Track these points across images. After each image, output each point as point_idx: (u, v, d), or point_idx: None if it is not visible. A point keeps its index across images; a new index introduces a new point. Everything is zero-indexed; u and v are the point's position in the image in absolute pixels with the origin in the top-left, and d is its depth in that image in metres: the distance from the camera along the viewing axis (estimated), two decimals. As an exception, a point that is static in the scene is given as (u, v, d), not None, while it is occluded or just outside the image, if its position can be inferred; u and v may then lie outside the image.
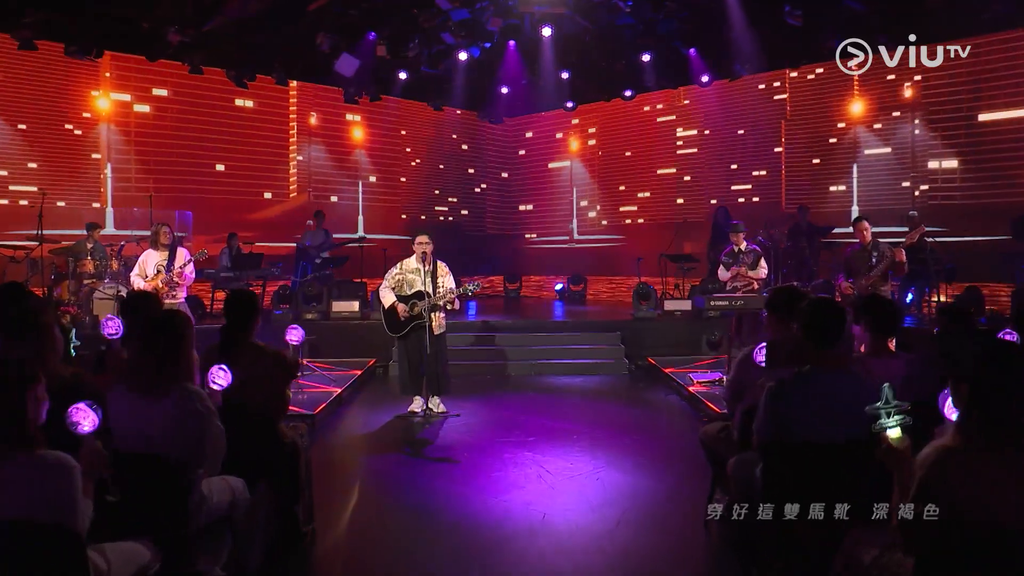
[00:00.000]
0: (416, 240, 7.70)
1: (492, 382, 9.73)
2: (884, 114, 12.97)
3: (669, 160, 16.20)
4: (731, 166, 15.11)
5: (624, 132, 17.02)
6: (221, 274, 11.76)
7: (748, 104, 14.70)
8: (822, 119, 13.76)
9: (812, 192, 13.78)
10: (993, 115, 11.59)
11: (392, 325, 7.68)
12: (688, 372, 9.32)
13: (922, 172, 12.47)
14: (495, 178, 18.94)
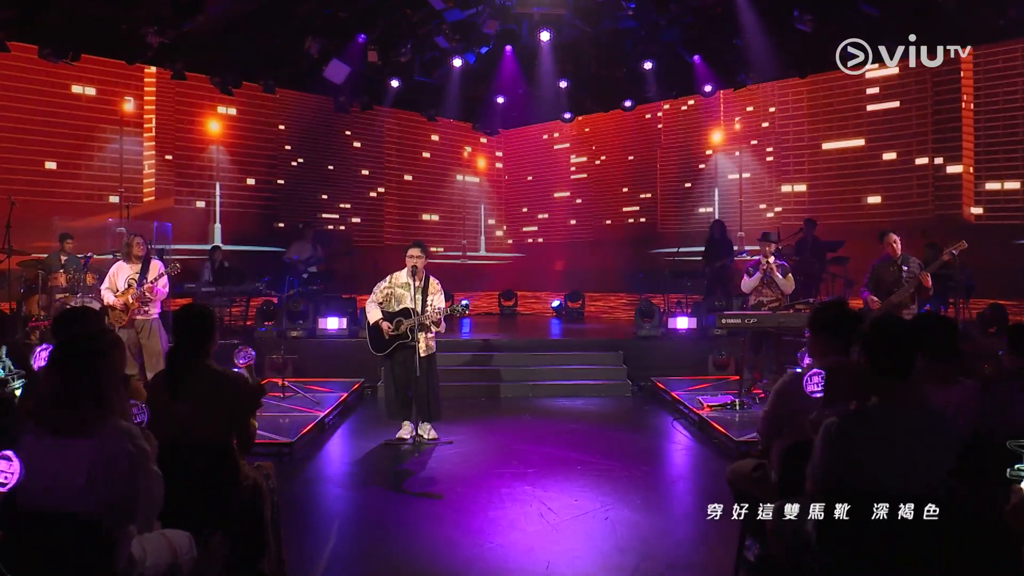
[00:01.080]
0: (407, 252, 7.11)
1: (486, 405, 9.17)
2: (744, 143, 14.49)
3: (565, 184, 17.54)
4: (622, 189, 16.57)
5: (528, 157, 18.07)
6: (202, 289, 11.11)
7: (637, 132, 16.16)
8: (693, 147, 15.36)
9: (681, 213, 15.49)
10: (833, 144, 13.27)
11: (376, 343, 7.10)
12: (696, 394, 8.72)
13: (775, 196, 13.99)
14: (396, 181, 16.56)
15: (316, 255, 12.56)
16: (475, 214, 17.90)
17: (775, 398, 3.55)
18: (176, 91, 13.12)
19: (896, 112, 12.53)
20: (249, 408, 3.54)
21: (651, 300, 11.46)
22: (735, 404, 7.85)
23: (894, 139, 12.58)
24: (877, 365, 2.74)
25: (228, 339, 10.26)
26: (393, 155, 16.51)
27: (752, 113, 14.28)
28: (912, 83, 12.36)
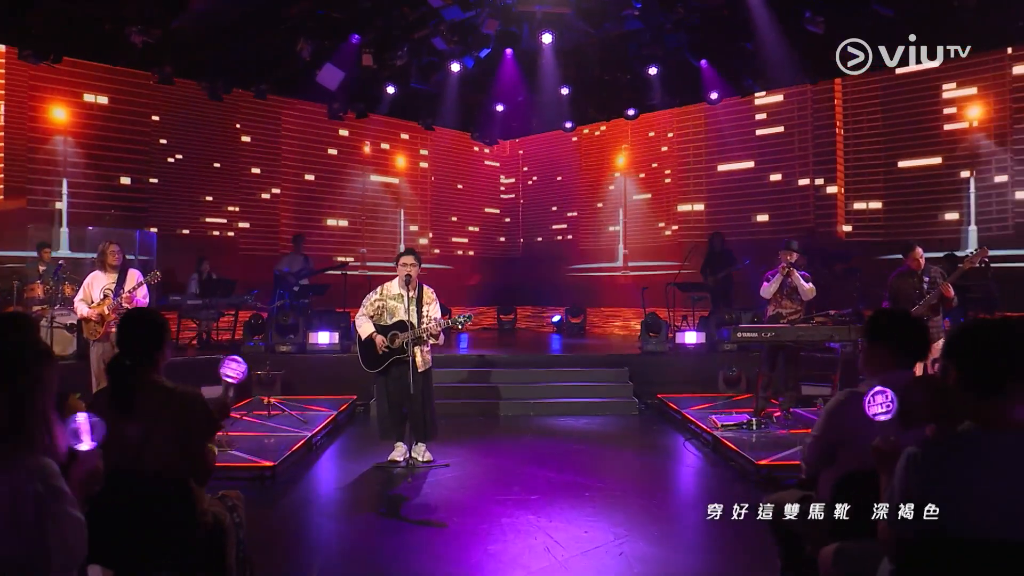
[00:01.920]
0: (399, 261, 6.60)
1: (484, 425, 8.64)
2: (646, 166, 15.73)
3: (494, 201, 17.89)
4: (552, 208, 17.36)
5: (455, 165, 17.34)
6: (188, 302, 10.63)
7: (565, 153, 17.09)
8: (604, 169, 16.49)
9: (596, 231, 16.57)
10: (727, 166, 14.34)
11: (369, 359, 6.58)
12: (708, 413, 8.19)
13: (673, 214, 15.21)
14: (294, 181, 14.65)
15: (308, 267, 12.08)
16: (393, 220, 16.00)
17: (828, 419, 3.03)
18: (31, 75, 11.37)
19: (781, 136, 13.62)
20: (205, 431, 3.01)
21: (657, 314, 10.91)
22: (751, 424, 7.33)
23: (780, 161, 13.66)
24: (969, 381, 2.23)
25: (214, 354, 9.86)
26: (292, 151, 14.47)
27: (653, 138, 15.53)
28: (795, 109, 13.43)
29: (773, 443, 6.74)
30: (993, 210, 11.51)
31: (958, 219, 11.79)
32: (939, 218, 12.03)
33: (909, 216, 12.23)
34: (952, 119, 11.83)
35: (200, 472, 2.96)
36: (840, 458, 2.98)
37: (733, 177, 14.22)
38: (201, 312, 10.75)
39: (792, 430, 7.28)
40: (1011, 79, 11.23)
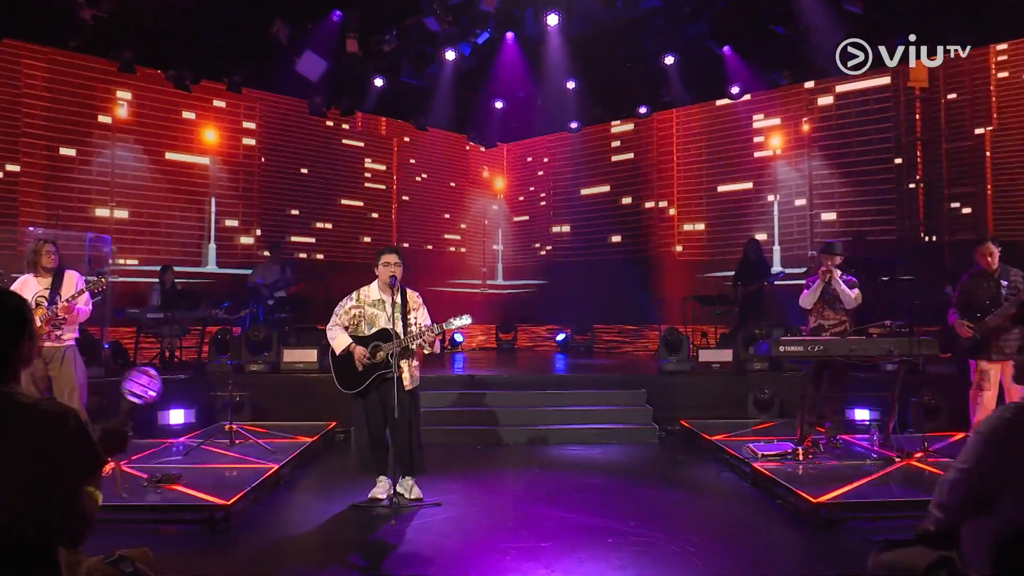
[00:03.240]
0: (380, 260, 5.81)
1: (483, 455, 7.83)
2: (524, 189, 17.10)
3: (357, 193, 15.26)
4: (444, 215, 16.87)
5: (302, 144, 14.28)
6: (148, 315, 9.80)
7: (459, 158, 17.08)
8: (486, 191, 17.29)
9: (488, 250, 17.23)
10: (590, 190, 15.98)
11: (345, 378, 5.78)
12: (741, 440, 7.38)
13: (547, 236, 16.68)
14: (47, 155, 11.61)
15: (284, 279, 11.32)
16: (198, 209, 13.04)
17: (986, 446, 2.21)
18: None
19: (631, 163, 15.42)
20: (82, 467, 2.15)
21: (678, 329, 10.10)
22: (796, 453, 6.48)
23: (630, 186, 15.43)
24: None
25: (177, 375, 9.03)
26: (40, 117, 11.32)
27: (530, 163, 17.00)
28: (643, 137, 15.21)
29: (828, 476, 5.92)
30: (794, 231, 13.33)
31: (767, 239, 13.30)
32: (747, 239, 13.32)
33: (728, 236, 13.96)
34: (760, 147, 13.68)
35: (71, 528, 2.10)
36: (1002, 505, 2.15)
37: (593, 200, 15.95)
38: (163, 327, 9.92)
39: (845, 460, 6.46)
40: (812, 110, 13.07)
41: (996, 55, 11.40)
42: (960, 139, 11.65)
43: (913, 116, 12.08)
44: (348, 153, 15.03)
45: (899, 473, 6.04)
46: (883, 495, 5.45)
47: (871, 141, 12.40)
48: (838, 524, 5.09)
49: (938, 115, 11.86)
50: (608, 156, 15.71)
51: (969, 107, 11.59)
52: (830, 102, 12.85)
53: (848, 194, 12.66)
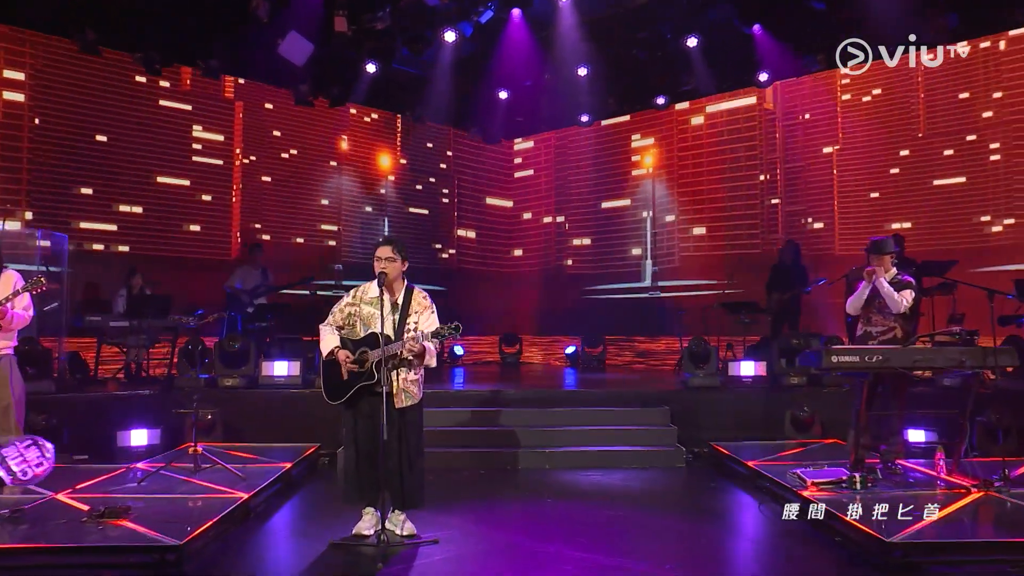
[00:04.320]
0: (376, 252, 5.19)
1: (488, 481, 7.22)
2: (422, 177, 15.83)
3: (181, 169, 12.73)
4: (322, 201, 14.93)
5: (97, 102, 11.73)
6: (111, 323, 9.17)
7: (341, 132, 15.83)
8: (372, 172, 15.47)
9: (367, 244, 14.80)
10: (493, 200, 16.69)
11: (331, 385, 5.20)
12: (783, 464, 6.78)
13: (453, 239, 16.20)
14: None
15: (266, 283, 10.81)
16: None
17: None
18: None
19: (532, 179, 16.54)
20: None
21: (705, 339, 9.47)
22: (854, 482, 5.81)
23: (530, 200, 16.50)
24: None
25: (142, 389, 8.46)
26: None
27: (431, 150, 15.96)
28: (542, 153, 16.31)
29: (894, 509, 5.23)
30: (663, 246, 14.71)
31: (640, 254, 14.92)
32: (628, 253, 15.17)
33: (609, 250, 15.39)
34: (637, 166, 15.10)
35: None
36: None
37: (498, 212, 16.67)
38: (129, 337, 9.30)
39: (910, 490, 5.80)
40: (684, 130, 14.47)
41: (841, 78, 12.64)
42: (813, 158, 13.21)
43: (774, 135, 13.53)
44: (170, 118, 12.37)
45: (979, 506, 5.38)
46: (967, 534, 4.83)
47: (739, 159, 13.85)
48: (917, 569, 4.43)
49: (795, 134, 13.34)
50: (511, 172, 16.78)
51: (819, 127, 13.12)
52: (701, 122, 14.29)
53: (718, 209, 14.13)
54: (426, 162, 15.71)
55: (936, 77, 11.95)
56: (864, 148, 12.62)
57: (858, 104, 12.59)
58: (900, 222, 12.25)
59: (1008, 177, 11.51)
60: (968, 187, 11.87)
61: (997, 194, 11.66)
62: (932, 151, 12.11)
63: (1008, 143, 11.50)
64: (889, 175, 12.41)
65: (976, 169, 11.79)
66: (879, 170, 12.51)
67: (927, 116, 12.13)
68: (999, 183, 11.64)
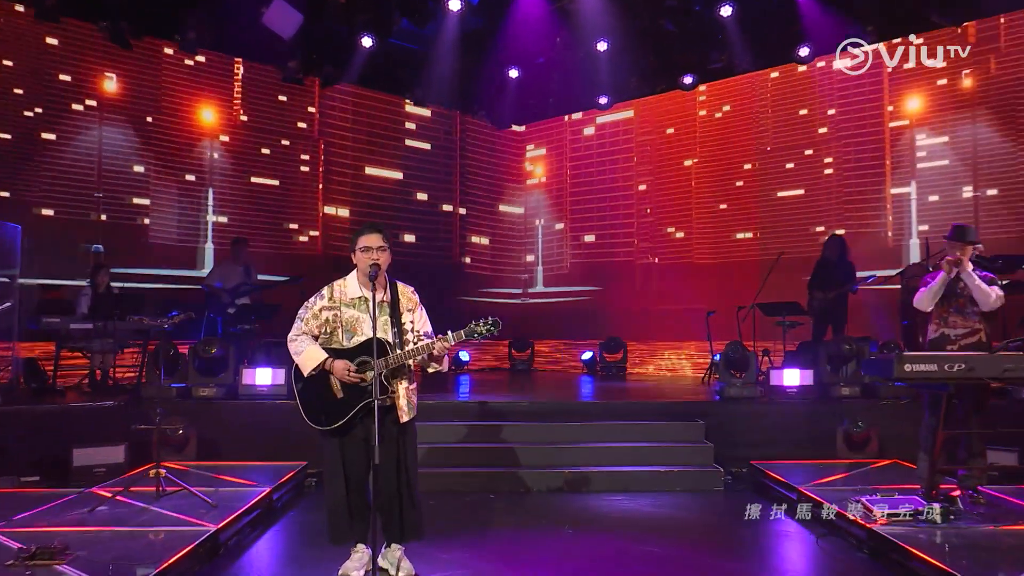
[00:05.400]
0: (358, 243, 4.62)
1: (498, 508, 6.70)
2: (272, 139, 13.48)
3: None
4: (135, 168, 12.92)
5: None
6: (71, 325, 8.60)
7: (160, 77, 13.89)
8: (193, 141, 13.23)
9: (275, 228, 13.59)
10: (375, 171, 14.44)
11: (320, 408, 4.60)
12: (841, 489, 6.21)
13: (315, 217, 13.95)
14: None
15: (249, 282, 10.27)
16: None
17: None
18: None
19: (430, 154, 14.97)
20: None
21: (743, 344, 8.88)
22: (933, 514, 5.19)
23: (425, 181, 14.95)
24: None
25: (108, 400, 7.95)
26: None
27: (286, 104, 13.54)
28: (443, 131, 15.01)
29: (992, 549, 4.66)
30: (554, 252, 15.74)
31: (533, 260, 15.91)
32: (522, 259, 16.00)
33: (507, 255, 15.92)
34: (530, 175, 16.05)
35: None
36: None
37: (383, 183, 14.63)
38: (94, 341, 8.73)
39: (1003, 524, 5.18)
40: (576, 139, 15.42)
41: (698, 94, 13.97)
42: (675, 170, 14.56)
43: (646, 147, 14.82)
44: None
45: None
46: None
47: (618, 169, 15.07)
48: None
49: (661, 148, 14.66)
50: (401, 137, 14.63)
51: (681, 141, 14.44)
52: (592, 132, 15.26)
53: (604, 217, 15.23)
54: (278, 120, 13.19)
55: (782, 93, 13.38)
56: (715, 161, 14.11)
57: (711, 120, 14.07)
58: (744, 232, 13.84)
59: (840, 190, 12.97)
60: (805, 199, 13.35)
61: (830, 205, 13.09)
62: (777, 164, 13.52)
63: (840, 158, 12.97)
64: (735, 187, 13.95)
65: (812, 182, 13.25)
66: (728, 182, 14.01)
67: (773, 131, 13.50)
68: (832, 195, 13.10)
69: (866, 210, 12.65)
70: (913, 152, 12.19)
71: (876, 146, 12.56)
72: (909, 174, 12.22)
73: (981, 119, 11.51)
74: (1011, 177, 11.34)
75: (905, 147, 12.27)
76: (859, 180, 12.75)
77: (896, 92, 12.25)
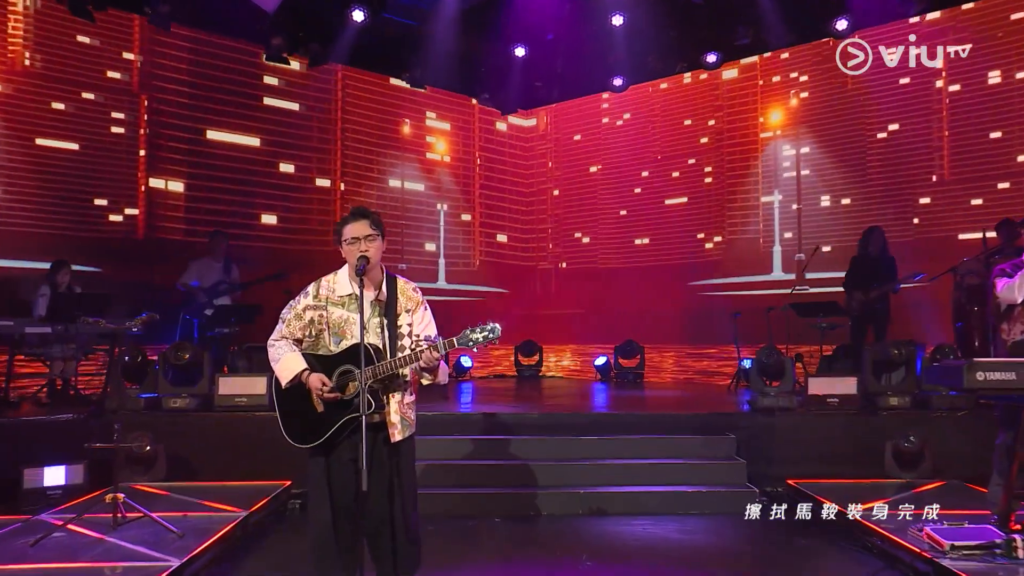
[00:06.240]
0: (343, 233, 4.21)
1: (505, 534, 6.42)
2: (72, 93, 11.57)
3: None
4: None
5: None
6: (27, 329, 8.16)
7: None
8: None
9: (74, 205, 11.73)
10: (222, 136, 12.76)
11: (298, 424, 4.20)
12: (904, 516, 5.66)
13: (135, 192, 12.28)
14: None
15: (228, 280, 9.93)
16: None
17: None
18: None
19: (297, 116, 13.51)
20: None
21: (778, 349, 8.47)
22: (1014, 548, 4.76)
23: (292, 150, 13.46)
24: None
25: (60, 413, 7.56)
26: None
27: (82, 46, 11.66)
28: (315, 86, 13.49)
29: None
30: (460, 247, 15.50)
31: (435, 250, 15.17)
32: (424, 248, 15.15)
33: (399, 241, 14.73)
34: (431, 148, 15.21)
35: None
36: None
37: (229, 149, 12.90)
38: (53, 347, 8.32)
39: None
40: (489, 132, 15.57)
41: (602, 101, 15.15)
42: (581, 176, 15.68)
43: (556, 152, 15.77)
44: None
45: None
46: None
47: (533, 169, 15.94)
48: None
49: (569, 154, 15.71)
50: (259, 95, 13.02)
51: (587, 148, 15.56)
52: (504, 129, 15.72)
53: (516, 219, 15.93)
54: (80, 68, 11.42)
55: (671, 104, 14.75)
56: (617, 168, 15.33)
57: (614, 128, 15.28)
58: (641, 238, 15.20)
59: (720, 197, 14.30)
60: (689, 206, 14.81)
61: (711, 213, 14.43)
62: (665, 173, 14.90)
63: (719, 167, 14.32)
64: (634, 194, 15.27)
65: (695, 190, 14.67)
66: (628, 189, 15.31)
67: (662, 140, 14.86)
68: (712, 203, 14.46)
69: (741, 218, 14.08)
70: (777, 162, 13.80)
71: (749, 156, 14.06)
72: (774, 183, 13.81)
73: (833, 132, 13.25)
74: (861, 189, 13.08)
75: (771, 158, 13.87)
76: (735, 189, 14.17)
77: (766, 104, 13.84)
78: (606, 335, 13.70)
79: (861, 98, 12.91)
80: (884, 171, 12.94)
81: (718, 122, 14.20)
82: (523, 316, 14.92)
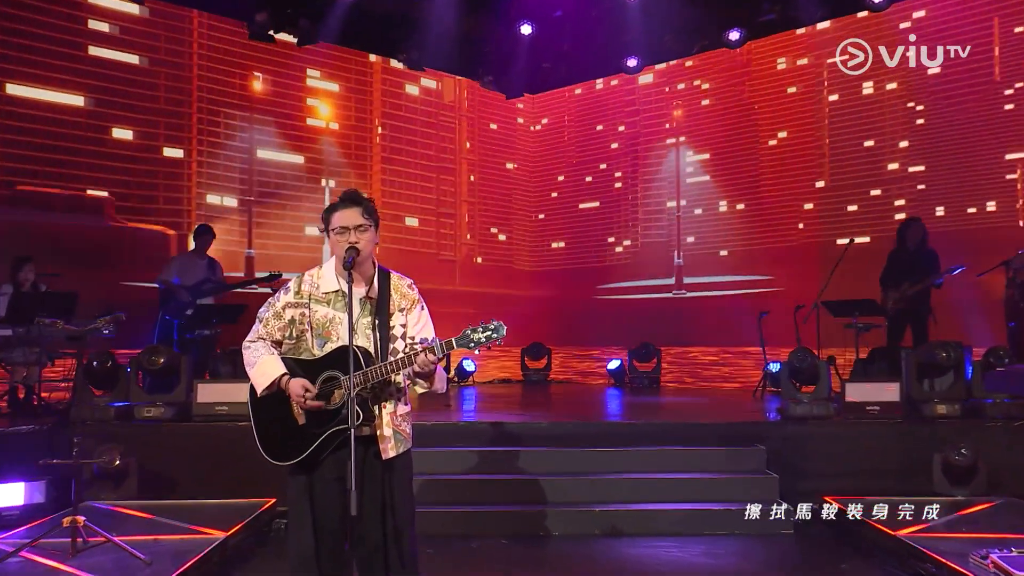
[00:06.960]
0: (331, 221, 3.92)
1: (513, 557, 6.20)
2: None
3: None
4: None
5: None
6: (-15, 332, 7.96)
7: None
8: None
9: None
10: (29, 92, 11.10)
11: (274, 435, 3.93)
12: (952, 536, 5.58)
13: None
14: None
15: (213, 278, 9.80)
16: None
17: None
18: None
19: (134, 70, 11.97)
20: None
21: (811, 350, 8.23)
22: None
23: (130, 111, 12.12)
24: None
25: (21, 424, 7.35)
26: None
27: None
28: (161, 35, 11.94)
29: None
30: None
31: (319, 235, 12.84)
32: (303, 233, 14.02)
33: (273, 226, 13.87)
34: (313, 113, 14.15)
35: None
36: None
37: (44, 115, 11.33)
38: (15, 351, 8.11)
39: None
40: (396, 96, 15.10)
41: (517, 102, 15.08)
42: (496, 170, 15.78)
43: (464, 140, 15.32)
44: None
45: None
46: None
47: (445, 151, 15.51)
48: None
49: (484, 143, 15.50)
50: (83, 45, 11.66)
51: (503, 142, 15.60)
52: (416, 93, 15.21)
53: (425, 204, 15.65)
54: None
55: (584, 109, 15.34)
56: (534, 171, 16.12)
57: (527, 131, 16.08)
58: (557, 241, 15.99)
59: (632, 202, 15.20)
60: (600, 211, 15.70)
61: (621, 218, 15.38)
62: (579, 177, 15.61)
63: (627, 172, 15.19)
64: (551, 198, 16.01)
65: (605, 195, 15.50)
66: (545, 193, 16.07)
67: (576, 145, 15.70)
68: (621, 208, 15.39)
69: (650, 222, 15.29)
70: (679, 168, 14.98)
71: (658, 161, 15.19)
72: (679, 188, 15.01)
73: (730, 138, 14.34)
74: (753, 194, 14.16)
75: (672, 164, 15.01)
76: (644, 193, 15.34)
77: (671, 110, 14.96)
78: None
79: (756, 106, 14.04)
80: (774, 177, 14.09)
81: (628, 127, 15.31)
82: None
